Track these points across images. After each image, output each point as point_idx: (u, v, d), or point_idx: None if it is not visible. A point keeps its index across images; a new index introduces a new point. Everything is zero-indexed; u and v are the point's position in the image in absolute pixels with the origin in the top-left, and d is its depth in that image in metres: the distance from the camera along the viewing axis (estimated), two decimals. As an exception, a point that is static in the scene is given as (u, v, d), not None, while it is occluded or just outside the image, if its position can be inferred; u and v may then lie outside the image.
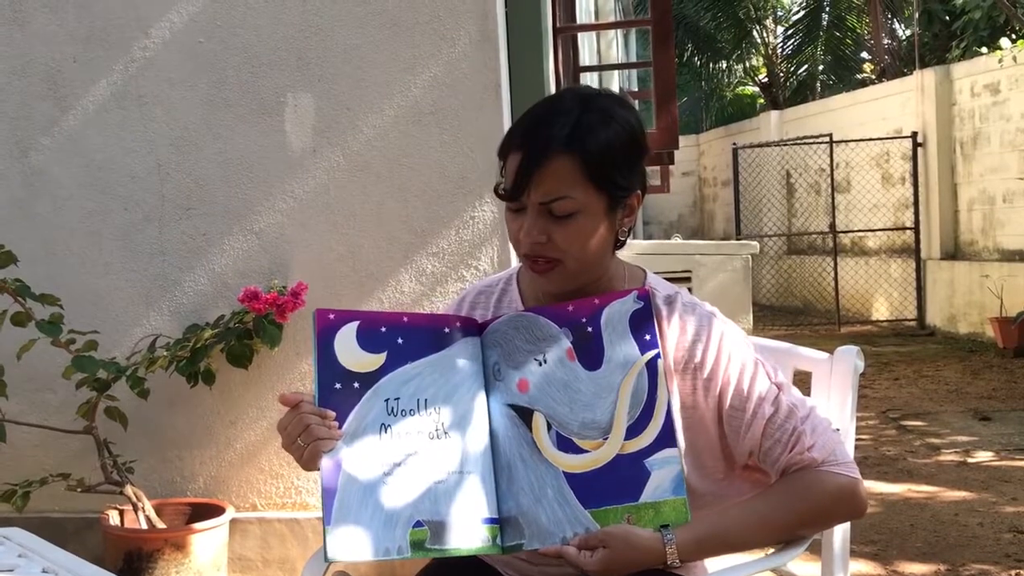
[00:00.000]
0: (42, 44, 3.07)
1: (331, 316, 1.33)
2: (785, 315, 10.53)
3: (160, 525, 2.80)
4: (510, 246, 2.90)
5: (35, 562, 1.54)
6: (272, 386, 3.02)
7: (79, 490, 2.77)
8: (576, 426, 1.33)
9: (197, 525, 2.78)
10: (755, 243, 5.23)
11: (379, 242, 2.98)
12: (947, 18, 12.26)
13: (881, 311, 9.79)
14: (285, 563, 3.02)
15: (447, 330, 1.38)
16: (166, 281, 3.07)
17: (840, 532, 1.60)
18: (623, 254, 1.50)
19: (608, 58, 8.32)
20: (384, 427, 1.30)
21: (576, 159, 1.31)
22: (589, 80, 5.97)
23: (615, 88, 8.17)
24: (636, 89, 11.23)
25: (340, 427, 1.28)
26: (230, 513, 2.88)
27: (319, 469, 1.26)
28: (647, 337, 1.34)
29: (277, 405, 3.01)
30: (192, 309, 3.05)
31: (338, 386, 1.30)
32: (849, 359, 1.64)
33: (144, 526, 2.76)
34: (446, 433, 1.32)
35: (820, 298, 10.40)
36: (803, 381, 1.69)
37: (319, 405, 1.29)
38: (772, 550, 1.47)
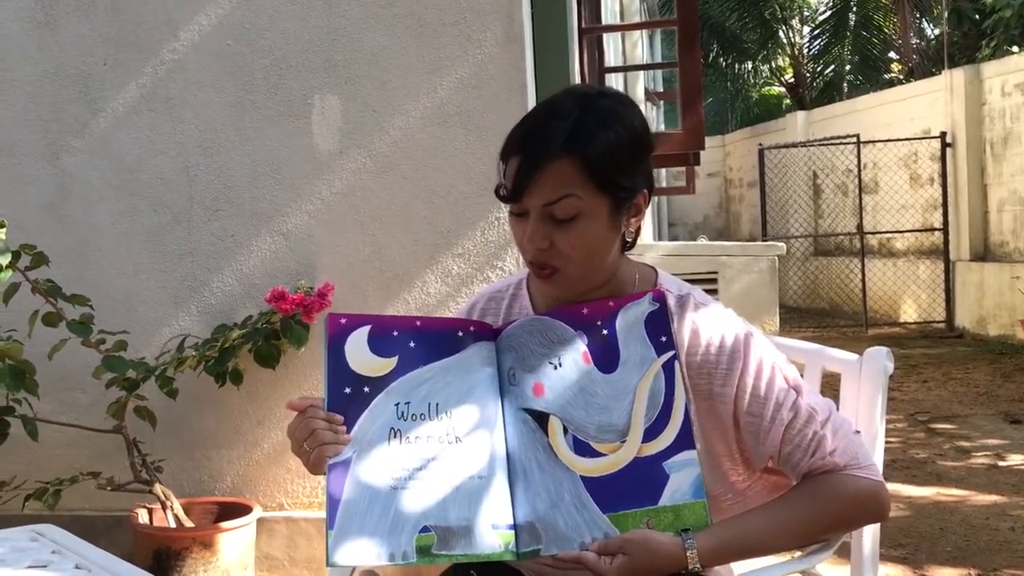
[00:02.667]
0: (73, 48, 3.11)
1: (342, 321, 1.32)
2: (812, 317, 10.45)
3: (188, 524, 2.82)
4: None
5: (68, 558, 1.56)
6: (299, 386, 3.04)
7: (109, 489, 2.80)
8: (593, 429, 1.31)
9: (225, 524, 2.80)
10: (781, 244, 5.19)
11: (405, 243, 2.99)
12: (977, 17, 12.13)
13: (909, 313, 9.69)
14: (312, 562, 3.03)
15: (460, 334, 1.37)
16: (194, 282, 3.09)
17: (870, 535, 1.59)
18: (649, 257, 1.49)
19: (633, 58, 8.30)
20: (394, 431, 1.29)
21: (576, 161, 1.28)
22: (614, 80, 5.96)
23: (640, 88, 8.14)
24: (661, 90, 11.20)
25: (349, 431, 1.27)
26: (257, 512, 2.90)
27: (325, 474, 1.26)
28: (663, 339, 1.32)
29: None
30: (220, 309, 3.08)
31: (348, 390, 1.29)
32: (879, 360, 1.62)
33: (173, 525, 2.79)
34: (458, 438, 1.30)
35: (847, 300, 10.31)
36: (832, 383, 1.68)
37: (328, 409, 1.28)
38: (800, 552, 1.46)
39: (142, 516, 2.84)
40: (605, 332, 1.34)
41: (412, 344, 1.33)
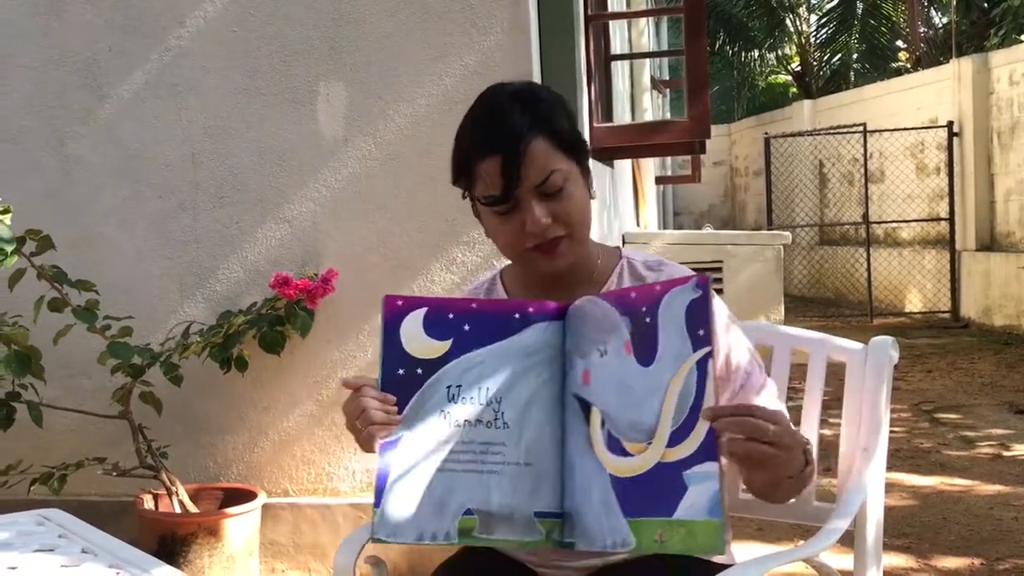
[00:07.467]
0: (79, 34, 3.11)
1: (399, 303, 1.34)
2: (817, 306, 10.44)
3: (194, 509, 2.83)
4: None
5: (75, 543, 1.57)
6: (304, 374, 3.04)
7: (114, 474, 2.81)
8: (624, 426, 1.27)
9: (230, 510, 2.81)
10: (787, 233, 5.19)
11: (410, 231, 2.98)
12: (985, 5, 12.07)
13: (914, 303, 9.68)
14: (316, 548, 3.04)
15: (518, 316, 1.35)
16: (200, 268, 3.09)
17: (873, 525, 1.59)
18: (655, 245, 1.50)
19: (639, 46, 8.25)
20: (444, 413, 1.31)
21: (546, 137, 1.37)
22: (620, 68, 5.94)
23: (646, 76, 8.12)
24: (668, 78, 11.16)
25: (401, 412, 1.31)
26: (262, 498, 2.91)
27: (375, 452, 1.30)
28: (701, 332, 1.23)
29: (309, 392, 3.05)
30: (225, 296, 3.08)
31: (401, 372, 1.32)
32: (884, 350, 1.62)
33: (178, 510, 2.80)
34: (506, 423, 1.31)
35: (852, 289, 10.30)
36: (837, 371, 1.68)
37: (382, 390, 1.32)
38: (802, 541, 1.46)
39: (147, 502, 2.85)
40: (648, 320, 1.27)
41: (467, 327, 1.34)
